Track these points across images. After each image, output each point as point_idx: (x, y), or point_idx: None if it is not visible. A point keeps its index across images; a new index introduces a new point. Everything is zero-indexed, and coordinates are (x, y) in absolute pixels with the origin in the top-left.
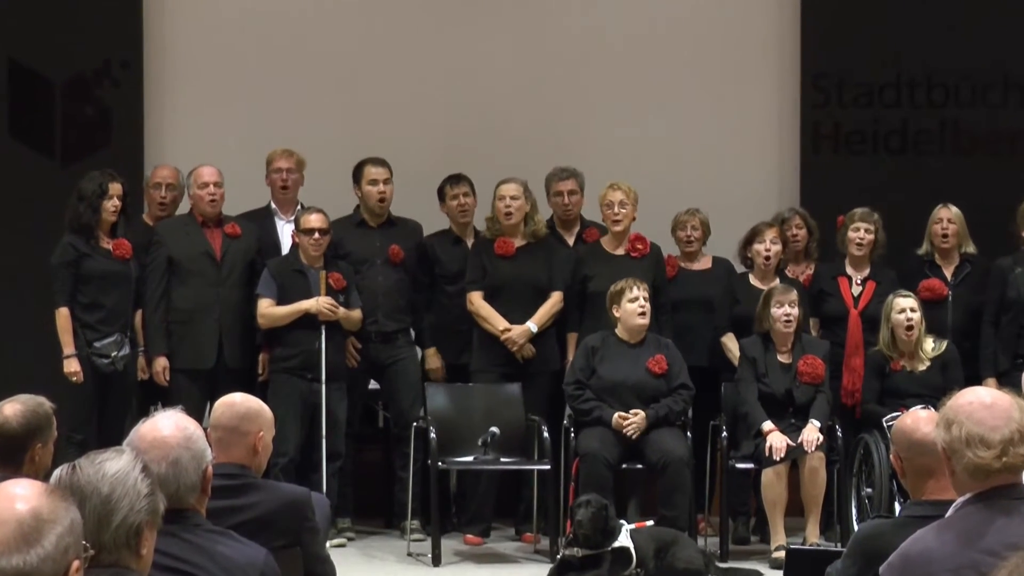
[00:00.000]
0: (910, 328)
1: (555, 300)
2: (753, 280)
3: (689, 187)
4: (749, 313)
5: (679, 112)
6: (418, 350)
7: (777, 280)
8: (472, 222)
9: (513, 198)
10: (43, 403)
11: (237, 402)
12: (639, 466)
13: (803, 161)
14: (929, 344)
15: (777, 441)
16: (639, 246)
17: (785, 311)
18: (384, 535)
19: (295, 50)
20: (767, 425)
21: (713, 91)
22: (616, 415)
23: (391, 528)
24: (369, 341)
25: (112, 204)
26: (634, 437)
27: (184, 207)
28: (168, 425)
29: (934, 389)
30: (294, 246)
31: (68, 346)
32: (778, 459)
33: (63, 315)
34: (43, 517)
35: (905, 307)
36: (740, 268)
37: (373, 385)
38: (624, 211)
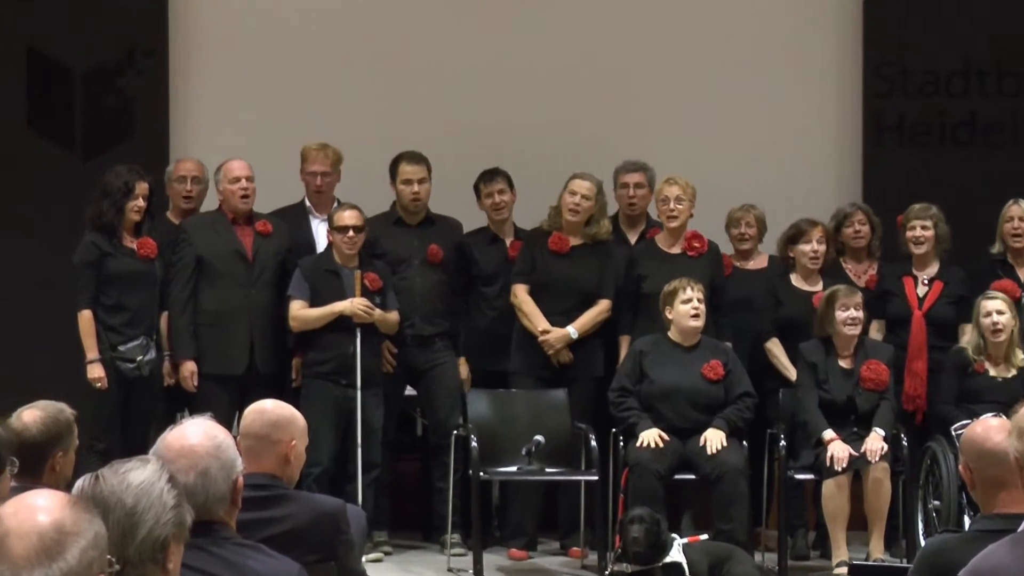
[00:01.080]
0: (997, 331)
1: (601, 308)
2: (796, 281)
3: (744, 182)
4: (793, 316)
5: (734, 104)
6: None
7: (821, 281)
8: (510, 219)
9: (584, 197)
10: (64, 410)
11: (268, 409)
12: (692, 477)
13: (865, 154)
14: (1020, 354)
15: (839, 451)
16: (696, 244)
17: (851, 314)
18: (422, 549)
19: (328, 37)
20: (828, 434)
21: (770, 81)
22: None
23: (430, 542)
24: (406, 345)
25: (137, 204)
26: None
27: (211, 203)
28: (196, 433)
29: (1013, 399)
30: (328, 245)
31: (91, 350)
32: (840, 469)
33: (85, 318)
34: (66, 530)
35: (991, 309)
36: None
37: (410, 391)
38: (680, 207)
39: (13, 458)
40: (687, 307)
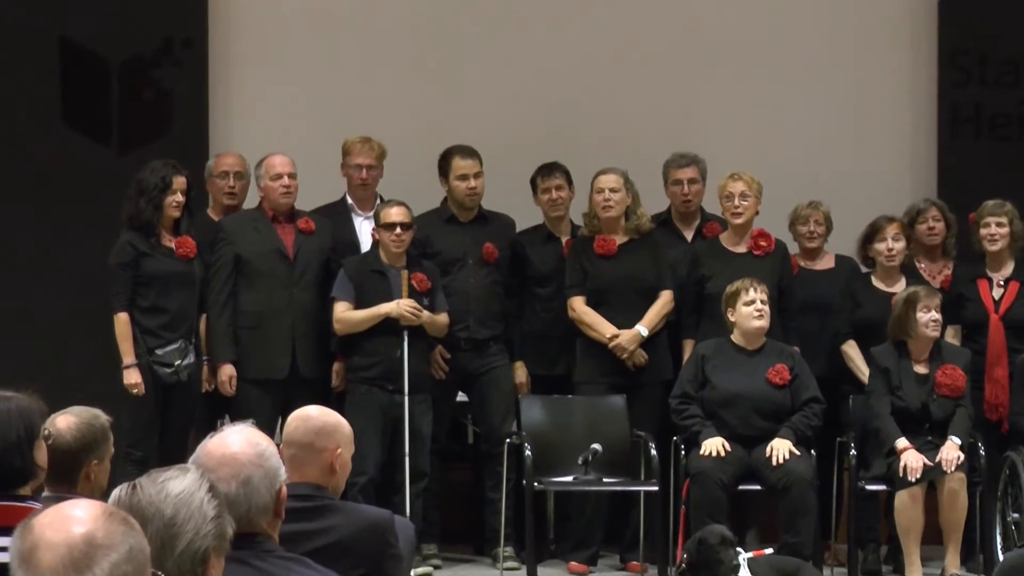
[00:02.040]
0: None
1: (665, 300)
2: (876, 281)
3: (812, 177)
4: (872, 318)
5: (801, 95)
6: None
7: (903, 280)
8: (567, 217)
9: (612, 190)
10: (99, 416)
11: (313, 416)
12: (757, 487)
13: (940, 147)
14: None
15: (912, 460)
16: (762, 243)
17: (933, 316)
18: (474, 563)
19: (372, 26)
20: (901, 442)
21: (838, 70)
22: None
23: (481, 556)
24: (458, 349)
25: (175, 199)
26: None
27: (251, 200)
28: (238, 441)
29: None
30: (374, 244)
31: (128, 355)
32: (913, 480)
33: (122, 321)
34: (96, 542)
35: None
36: (863, 268)
37: (462, 397)
38: (746, 203)
39: (48, 429)
40: (750, 309)
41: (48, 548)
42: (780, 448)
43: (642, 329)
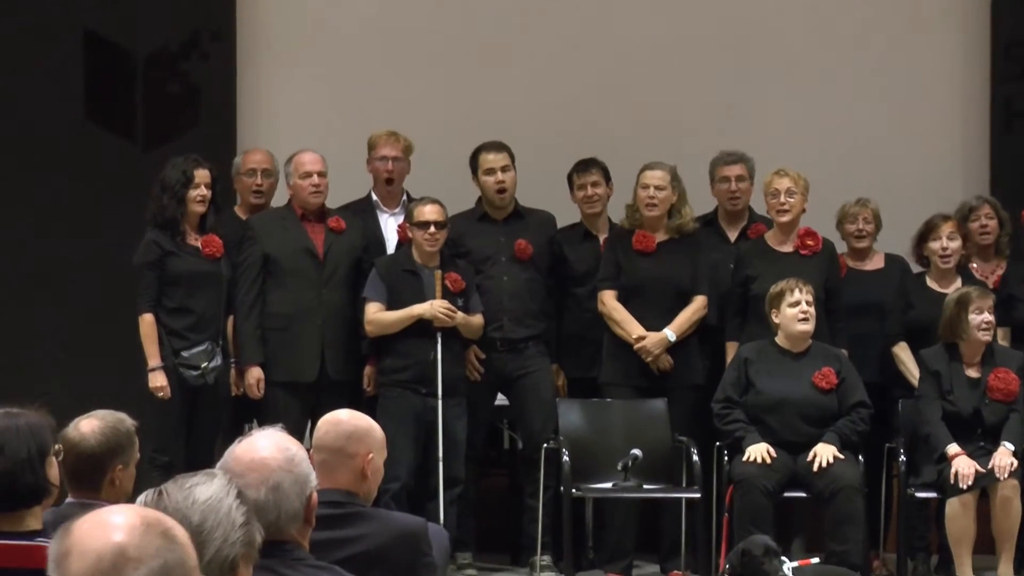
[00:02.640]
0: None
1: (697, 306)
2: (930, 282)
3: (859, 174)
4: (925, 319)
5: (848, 88)
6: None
7: (959, 281)
8: (605, 214)
9: (658, 188)
10: (124, 420)
11: (344, 420)
12: (803, 494)
13: (993, 143)
14: None
15: (964, 467)
16: (809, 242)
17: (985, 318)
18: (510, 572)
19: (403, 20)
20: (952, 448)
21: (888, 64)
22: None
23: (518, 565)
24: (494, 351)
25: (199, 193)
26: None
27: (280, 198)
28: (267, 445)
29: None
30: (407, 243)
31: (153, 357)
32: (965, 487)
33: (147, 322)
34: (127, 555)
35: None
36: (916, 268)
37: (499, 401)
38: (792, 200)
39: (58, 445)
40: (795, 311)
41: (79, 555)
42: (823, 453)
43: (669, 334)
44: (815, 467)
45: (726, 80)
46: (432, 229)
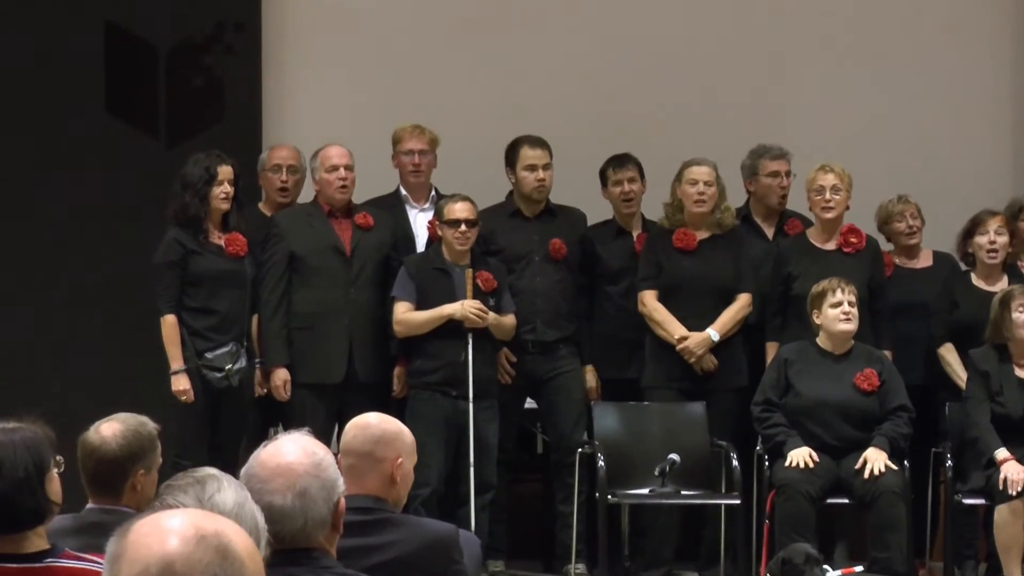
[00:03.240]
0: None
1: (742, 304)
2: (976, 280)
3: (902, 170)
4: (970, 319)
5: (894, 80)
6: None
7: (1005, 279)
8: (639, 211)
9: (707, 183)
10: (146, 423)
11: (372, 423)
12: (846, 500)
13: None
14: None
15: (1014, 472)
16: (853, 240)
17: None
18: None
19: (432, 11)
20: (1001, 453)
21: (932, 55)
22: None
23: (551, 573)
24: (525, 352)
25: (222, 190)
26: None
27: (306, 194)
28: (294, 450)
29: None
30: (437, 241)
31: (176, 359)
32: (1014, 493)
33: (169, 323)
34: (173, 569)
35: None
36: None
37: (531, 404)
38: (837, 197)
39: (59, 456)
40: (836, 311)
41: (128, 562)
42: (876, 460)
43: (713, 333)
44: (866, 474)
45: (764, 73)
46: (463, 227)
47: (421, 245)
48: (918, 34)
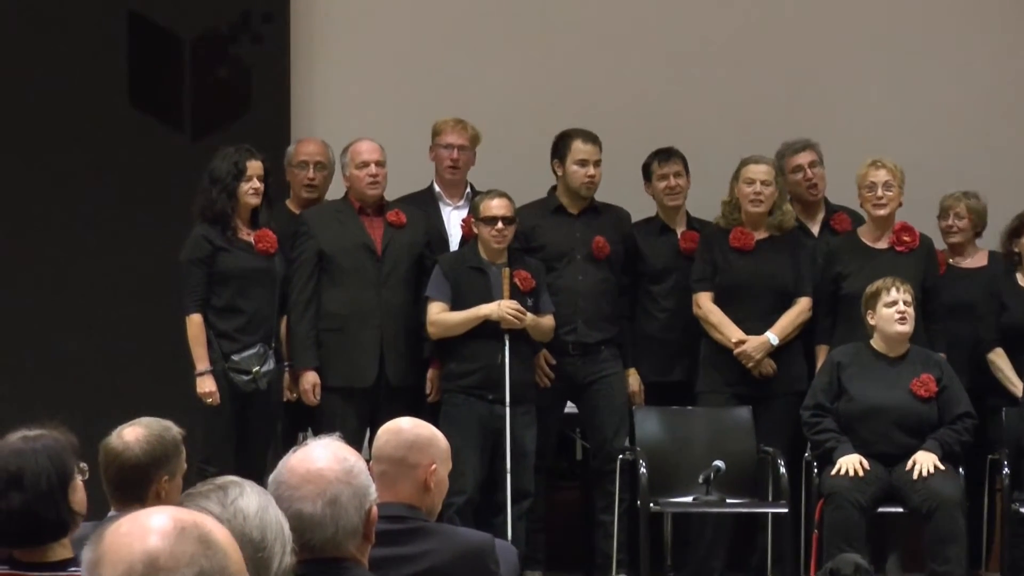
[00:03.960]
0: None
1: (802, 307)
2: (1023, 280)
3: (958, 164)
4: (1019, 322)
5: (951, 72)
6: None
7: None
8: (684, 208)
9: (765, 183)
10: (170, 428)
11: (405, 428)
12: (900, 510)
13: None
14: None
15: None
16: (906, 238)
17: None
18: None
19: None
20: None
21: (986, 43)
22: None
23: None
24: (566, 355)
25: (251, 186)
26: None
27: (336, 190)
28: (324, 456)
29: None
30: (472, 239)
31: (202, 361)
32: None
33: (195, 323)
34: (158, 564)
35: None
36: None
37: (570, 408)
38: (890, 194)
39: (82, 464)
40: (892, 311)
41: (110, 564)
42: (924, 462)
43: (772, 337)
44: (915, 475)
45: (814, 64)
46: (499, 225)
47: (455, 244)
48: (979, 25)
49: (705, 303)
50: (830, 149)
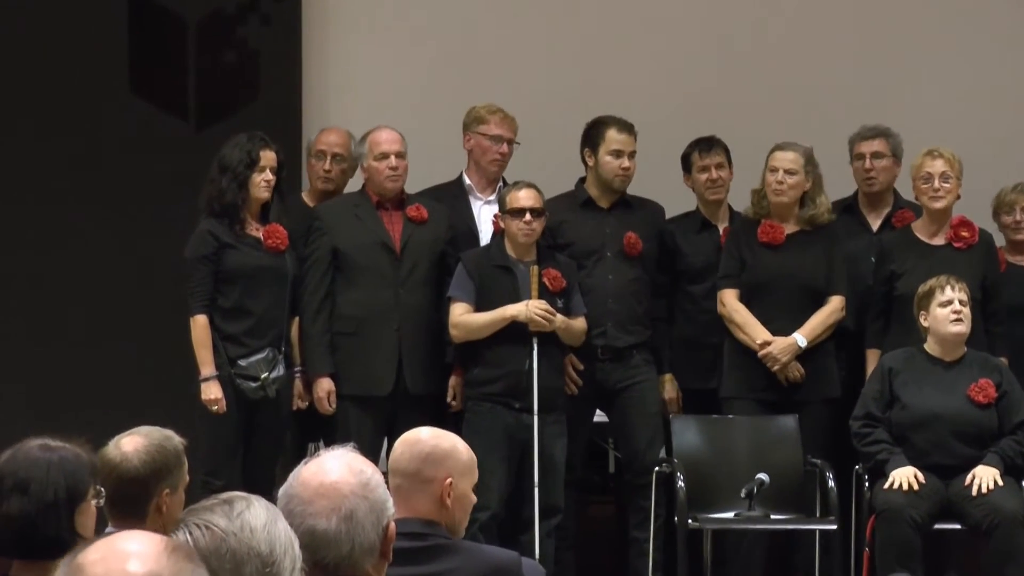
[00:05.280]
0: None
1: (833, 307)
2: None
3: (1017, 154)
4: None
5: (1014, 54)
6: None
7: None
8: (726, 202)
9: (788, 172)
10: (171, 437)
11: (422, 440)
12: (958, 527)
13: None
14: None
15: None
16: (964, 233)
17: None
18: None
19: None
20: None
21: None
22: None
23: None
24: (595, 360)
25: (263, 178)
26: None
27: (354, 183)
28: (338, 468)
29: None
30: (498, 235)
31: (206, 365)
32: None
33: (200, 325)
34: None
35: None
36: None
37: (600, 417)
38: (947, 186)
39: (99, 487)
40: (946, 311)
41: None
42: (984, 477)
43: (800, 339)
44: (974, 491)
45: (867, 46)
46: (528, 217)
47: (486, 241)
48: None
49: (730, 301)
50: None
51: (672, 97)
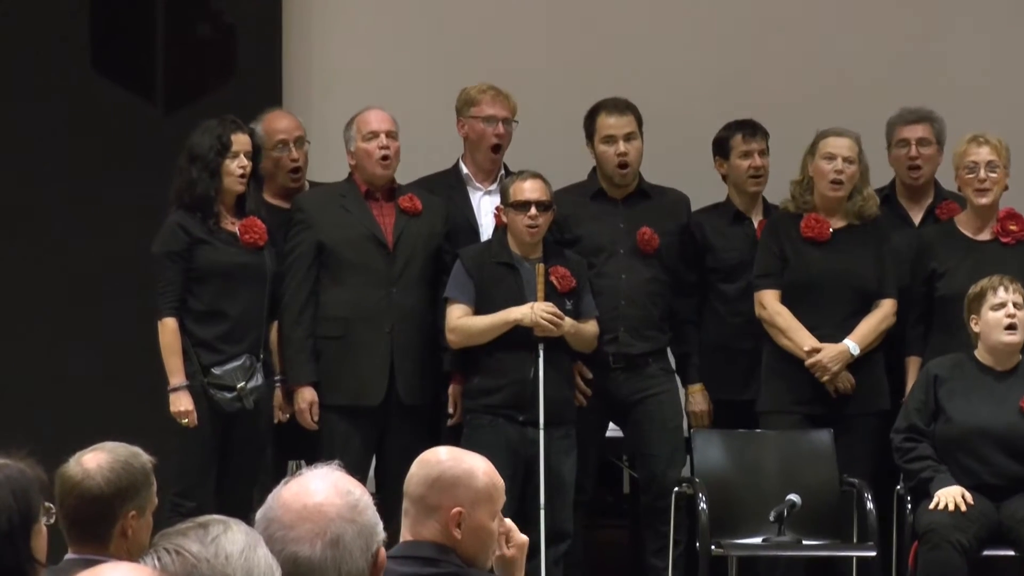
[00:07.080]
0: None
1: (886, 311)
2: None
3: None
4: None
5: None
6: (679, 382)
7: None
8: (763, 192)
9: (847, 160)
10: (138, 454)
11: (437, 461)
12: (1011, 552)
13: None
14: None
15: None
16: (1012, 227)
17: None
18: None
19: None
20: None
21: None
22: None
23: None
24: (607, 368)
25: (238, 164)
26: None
27: (339, 172)
28: (323, 488)
29: None
30: (500, 230)
31: (176, 374)
32: None
33: (169, 328)
34: None
35: None
36: None
37: (614, 432)
38: (994, 176)
39: (48, 504)
40: (999, 315)
41: None
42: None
43: (852, 345)
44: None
45: (907, 23)
46: (533, 211)
47: (487, 235)
48: None
49: (771, 303)
50: None
51: (694, 78)
